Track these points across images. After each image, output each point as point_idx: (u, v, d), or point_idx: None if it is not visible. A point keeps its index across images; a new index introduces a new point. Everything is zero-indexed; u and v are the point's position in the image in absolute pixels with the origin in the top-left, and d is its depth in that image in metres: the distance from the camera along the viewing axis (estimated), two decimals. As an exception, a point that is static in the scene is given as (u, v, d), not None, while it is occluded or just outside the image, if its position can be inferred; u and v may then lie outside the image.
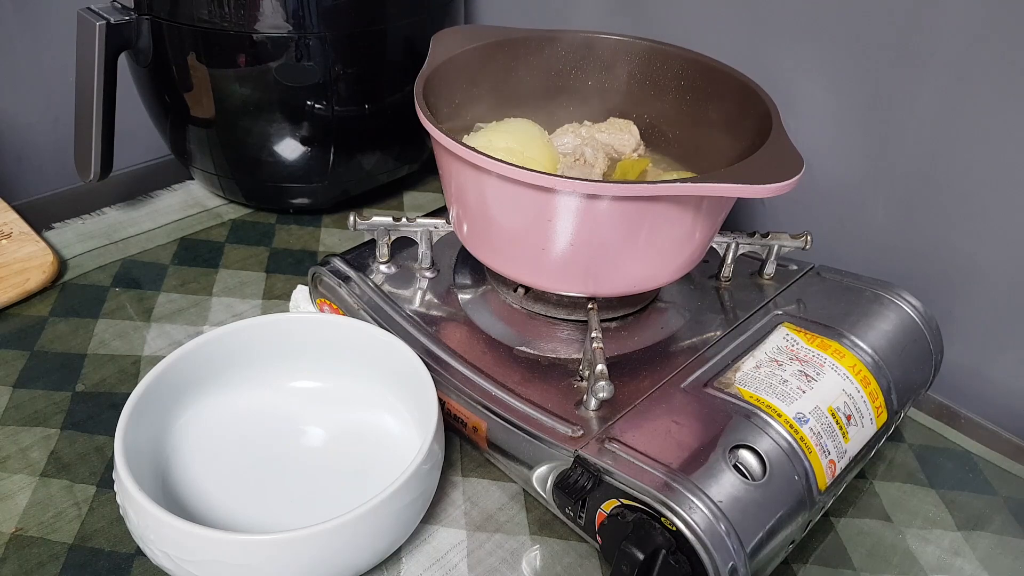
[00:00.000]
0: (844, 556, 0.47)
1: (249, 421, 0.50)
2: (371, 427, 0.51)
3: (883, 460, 0.53)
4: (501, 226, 0.47)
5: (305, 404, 0.52)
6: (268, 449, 0.49)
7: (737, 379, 0.46)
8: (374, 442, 0.50)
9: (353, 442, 0.50)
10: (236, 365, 0.50)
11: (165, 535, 0.38)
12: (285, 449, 0.49)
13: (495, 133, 0.54)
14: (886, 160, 0.59)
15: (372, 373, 0.51)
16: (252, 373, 0.51)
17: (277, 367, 0.52)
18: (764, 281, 0.57)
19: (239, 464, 0.48)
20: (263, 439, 0.50)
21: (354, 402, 0.52)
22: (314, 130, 0.67)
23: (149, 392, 0.45)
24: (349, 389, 0.52)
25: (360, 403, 0.52)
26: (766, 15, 0.62)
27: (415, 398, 0.48)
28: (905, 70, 0.56)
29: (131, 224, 0.72)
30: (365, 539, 0.40)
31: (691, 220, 0.46)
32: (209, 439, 0.49)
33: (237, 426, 0.50)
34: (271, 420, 0.51)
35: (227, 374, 0.50)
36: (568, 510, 0.44)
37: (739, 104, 0.52)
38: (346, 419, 0.51)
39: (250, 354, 0.51)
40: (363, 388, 0.52)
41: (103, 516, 0.46)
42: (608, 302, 0.52)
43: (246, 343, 0.50)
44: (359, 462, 0.49)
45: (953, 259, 0.58)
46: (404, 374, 0.49)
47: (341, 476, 0.48)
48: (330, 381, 0.52)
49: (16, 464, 0.49)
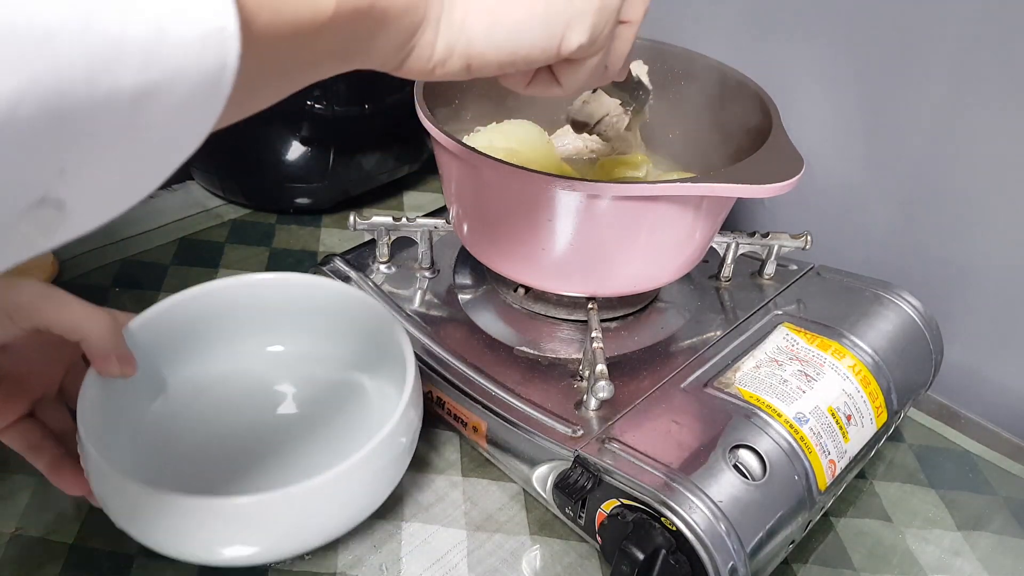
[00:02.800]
0: (844, 556, 0.47)
1: (222, 385, 0.49)
2: (346, 388, 0.50)
3: (883, 460, 0.53)
4: (501, 226, 0.47)
5: (279, 367, 0.51)
6: (241, 413, 0.48)
7: (737, 379, 0.46)
8: (350, 403, 0.49)
9: (328, 404, 0.49)
10: (208, 328, 0.49)
11: (135, 503, 0.37)
12: (259, 413, 0.48)
13: (495, 134, 0.54)
14: (886, 160, 0.59)
15: (346, 333, 0.50)
16: (225, 335, 0.50)
17: (250, 329, 0.50)
18: (764, 281, 0.57)
19: (213, 429, 0.47)
20: (237, 402, 0.49)
21: (328, 363, 0.51)
22: (314, 130, 0.67)
23: None
24: (323, 350, 0.51)
25: (334, 364, 0.51)
26: (766, 15, 0.62)
27: (390, 357, 0.47)
28: (905, 70, 0.56)
29: (131, 224, 0.72)
30: (345, 497, 0.39)
31: (691, 220, 0.46)
32: (182, 404, 0.48)
33: (210, 390, 0.49)
34: (244, 383, 0.50)
35: (199, 338, 0.49)
36: (568, 510, 0.44)
37: (739, 104, 0.52)
38: (321, 380, 0.50)
39: (222, 316, 0.49)
40: (337, 349, 0.51)
41: (103, 516, 0.46)
42: (608, 302, 0.52)
43: (217, 305, 0.49)
44: (335, 425, 0.48)
45: (953, 259, 0.58)
46: (379, 333, 0.47)
47: (317, 439, 0.47)
48: (303, 343, 0.51)
49: (16, 464, 0.49)
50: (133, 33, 0.16)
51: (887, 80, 0.57)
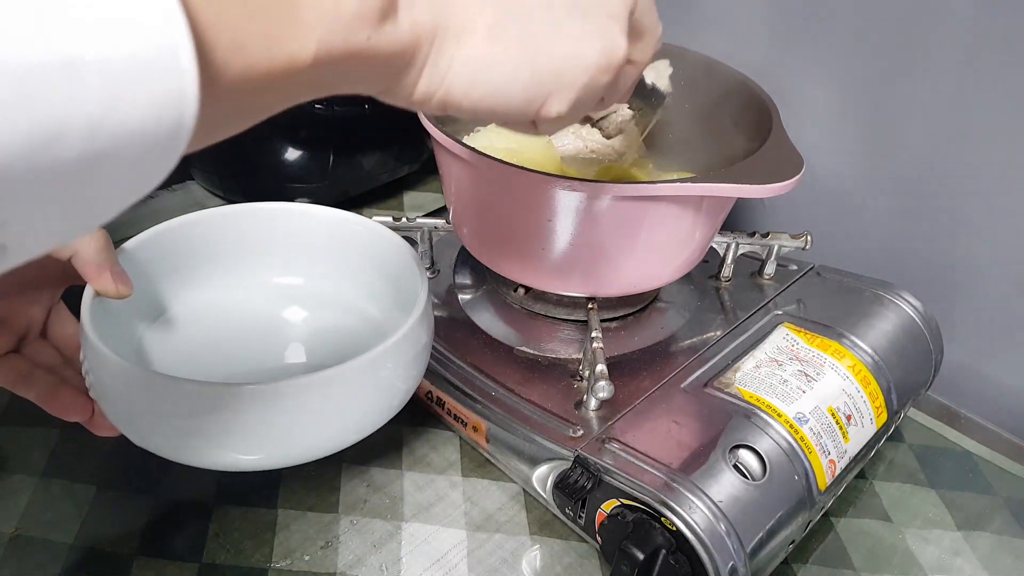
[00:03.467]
0: (844, 556, 0.47)
1: (227, 317, 0.47)
2: (357, 317, 0.48)
3: (883, 460, 0.53)
4: (501, 226, 0.47)
5: (286, 299, 0.49)
6: (248, 345, 0.46)
7: (737, 379, 0.46)
8: (358, 331, 0.47)
9: (337, 335, 0.48)
10: (210, 254, 0.47)
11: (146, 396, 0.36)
12: (266, 346, 0.46)
13: (495, 134, 0.54)
14: (886, 160, 0.59)
15: (356, 264, 0.48)
16: (230, 264, 0.48)
17: (256, 259, 0.49)
18: (764, 281, 0.57)
19: (218, 362, 0.45)
20: (243, 336, 0.47)
21: (338, 295, 0.49)
22: (314, 130, 0.67)
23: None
24: (332, 282, 0.49)
25: (344, 296, 0.49)
26: (767, 15, 0.62)
27: (402, 286, 0.45)
28: (905, 70, 0.56)
29: (131, 224, 0.71)
30: (358, 394, 0.38)
31: (691, 220, 0.46)
32: (185, 335, 0.46)
33: (214, 322, 0.47)
34: (250, 317, 0.48)
35: (201, 264, 0.47)
36: (568, 510, 0.44)
37: (739, 104, 0.52)
38: (329, 310, 0.48)
39: (227, 244, 0.48)
40: (346, 281, 0.49)
41: (103, 516, 0.46)
42: (608, 302, 0.52)
43: (223, 230, 0.47)
44: (344, 350, 0.46)
45: (953, 259, 0.58)
46: (390, 261, 0.46)
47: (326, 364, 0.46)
48: (311, 274, 0.49)
49: (16, 464, 0.49)
50: (80, 108, 0.15)
51: (887, 80, 0.57)
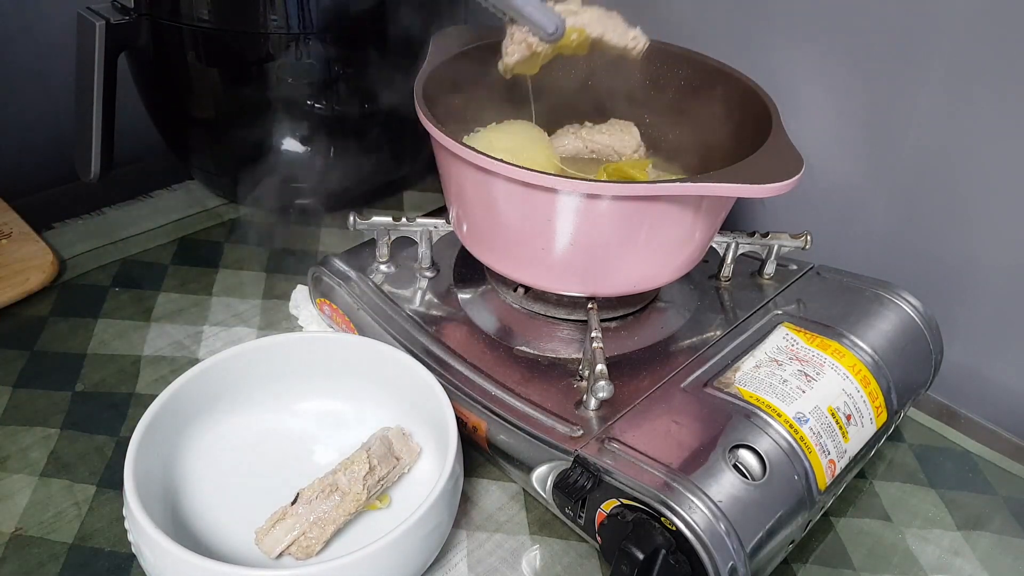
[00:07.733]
0: (844, 556, 0.47)
1: (259, 447, 0.48)
2: None
3: (883, 460, 0.53)
4: (501, 226, 0.47)
5: (316, 427, 0.50)
6: (280, 475, 0.46)
7: (737, 379, 0.46)
8: None
9: None
10: (243, 389, 0.48)
11: (183, 572, 0.37)
12: (298, 476, 0.46)
13: (495, 134, 0.54)
14: (886, 160, 0.59)
15: (384, 393, 0.49)
16: (261, 397, 0.49)
17: (287, 390, 0.49)
18: (764, 281, 0.57)
19: (252, 492, 0.46)
20: (275, 465, 0.47)
21: (367, 424, 0.49)
22: (314, 130, 0.67)
23: (155, 422, 0.42)
24: (361, 410, 0.50)
25: (373, 424, 0.49)
26: (766, 15, 0.62)
27: (430, 417, 0.46)
28: (905, 70, 0.56)
29: (131, 224, 0.72)
30: (387, 571, 0.38)
31: (691, 220, 0.46)
32: (218, 467, 0.46)
33: (247, 452, 0.48)
34: (282, 445, 0.48)
35: (234, 399, 0.48)
36: (568, 510, 0.44)
37: (739, 104, 0.52)
38: (359, 442, 0.47)
39: (258, 377, 0.48)
40: (375, 409, 0.50)
41: (103, 516, 0.46)
42: (608, 302, 0.52)
43: (252, 366, 0.48)
44: None
45: (953, 259, 0.58)
46: (417, 392, 0.47)
47: None
48: (341, 403, 0.50)
49: (16, 464, 0.49)
50: None
51: (887, 80, 0.57)
